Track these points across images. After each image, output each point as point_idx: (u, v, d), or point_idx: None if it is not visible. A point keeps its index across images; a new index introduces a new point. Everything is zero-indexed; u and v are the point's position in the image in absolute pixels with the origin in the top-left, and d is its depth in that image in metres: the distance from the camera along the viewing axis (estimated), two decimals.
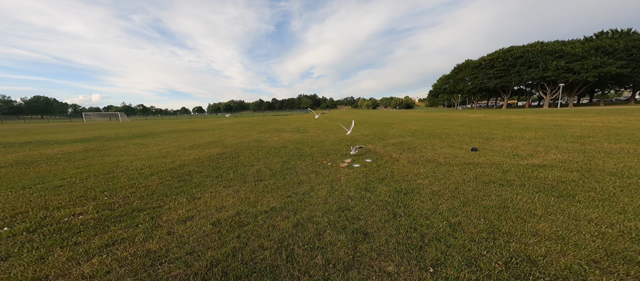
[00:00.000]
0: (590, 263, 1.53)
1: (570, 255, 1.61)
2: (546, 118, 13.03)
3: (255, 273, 1.55)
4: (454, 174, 3.44)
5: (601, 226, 1.94)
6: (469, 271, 1.49)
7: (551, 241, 1.76)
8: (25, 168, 4.56)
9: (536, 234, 1.87)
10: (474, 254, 1.66)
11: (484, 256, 1.63)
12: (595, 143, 5.30)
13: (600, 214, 2.12)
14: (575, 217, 2.10)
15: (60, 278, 1.44)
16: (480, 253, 1.66)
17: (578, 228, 1.92)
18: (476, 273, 1.48)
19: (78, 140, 9.37)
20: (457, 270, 1.51)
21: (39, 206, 2.60)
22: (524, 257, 1.61)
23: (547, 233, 1.87)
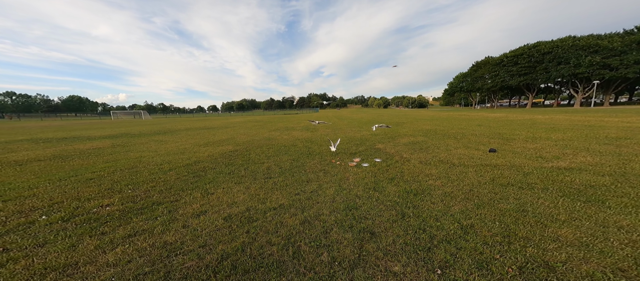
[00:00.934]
0: (616, 271, 1.42)
1: (594, 262, 1.50)
2: (577, 118, 12.03)
3: (263, 268, 1.60)
4: (469, 176, 3.30)
5: (633, 234, 1.78)
6: (479, 274, 1.44)
7: (573, 248, 1.65)
8: (61, 162, 5.03)
9: (557, 240, 1.75)
10: (486, 257, 1.60)
11: (496, 260, 1.56)
12: (633, 145, 4.82)
13: (633, 222, 1.94)
14: (603, 224, 1.94)
15: (87, 265, 1.58)
16: (492, 257, 1.60)
17: (605, 235, 1.77)
18: (487, 276, 1.42)
19: (107, 136, 10.12)
20: (467, 272, 1.46)
21: (73, 197, 2.86)
22: (541, 263, 1.52)
23: (569, 239, 1.74)
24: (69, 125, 21.90)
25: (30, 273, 1.51)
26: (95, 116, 76.94)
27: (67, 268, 1.54)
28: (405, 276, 1.46)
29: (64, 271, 1.52)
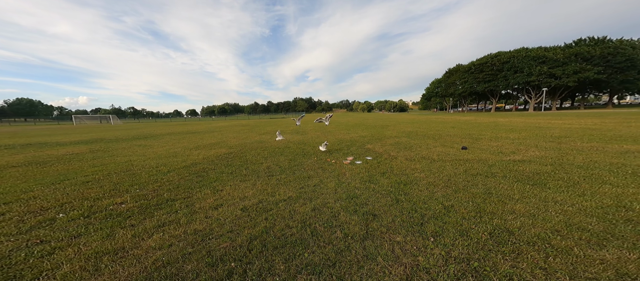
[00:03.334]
0: (553, 232, 1.95)
1: (539, 226, 2.03)
2: (530, 121, 13.90)
3: (289, 245, 1.89)
4: (447, 169, 3.88)
5: (564, 205, 2.38)
6: (462, 239, 1.88)
7: (525, 217, 2.19)
8: (40, 167, 4.71)
9: (513, 212, 2.29)
10: (465, 228, 2.06)
11: (473, 229, 2.02)
12: (570, 142, 5.91)
13: (565, 197, 2.57)
14: (544, 200, 2.54)
15: (134, 249, 1.74)
16: (470, 227, 2.06)
17: (546, 208, 2.36)
18: (467, 240, 1.87)
19: (78, 142, 9.37)
20: (453, 239, 1.89)
21: (79, 197, 2.84)
22: (504, 229, 2.01)
23: (522, 212, 2.29)
24: (23, 131, 19.47)
25: (85, 257, 1.64)
26: (51, 120, 68.44)
27: (118, 252, 1.69)
28: (407, 244, 1.86)
29: (116, 254, 1.66)
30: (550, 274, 1.39)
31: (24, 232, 2.07)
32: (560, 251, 1.62)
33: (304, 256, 1.71)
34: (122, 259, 1.64)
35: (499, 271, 1.44)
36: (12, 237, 1.99)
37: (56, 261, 1.64)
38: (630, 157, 4.07)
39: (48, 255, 1.71)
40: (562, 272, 1.40)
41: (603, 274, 1.36)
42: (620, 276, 1.34)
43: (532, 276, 1.37)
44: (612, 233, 1.81)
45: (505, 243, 1.78)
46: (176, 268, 1.55)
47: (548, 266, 1.47)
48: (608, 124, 9.74)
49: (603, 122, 10.68)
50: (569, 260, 1.52)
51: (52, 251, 1.74)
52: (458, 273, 1.43)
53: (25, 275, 1.53)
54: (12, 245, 1.87)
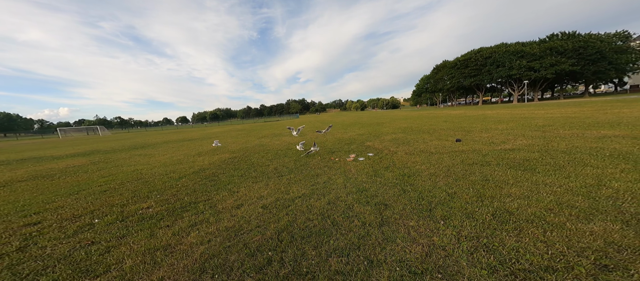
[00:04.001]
0: (547, 210, 2.22)
1: (534, 206, 2.30)
2: (515, 112, 14.62)
3: (314, 235, 2.09)
4: (445, 160, 4.18)
5: (553, 187, 2.69)
6: (469, 221, 2.12)
7: (521, 199, 2.46)
8: (49, 181, 4.70)
9: (510, 195, 2.57)
10: (470, 211, 2.30)
11: (477, 212, 2.28)
12: (553, 130, 6.39)
13: (553, 180, 2.89)
14: (535, 183, 2.85)
15: (178, 245, 1.90)
16: (474, 210, 2.31)
17: (538, 190, 2.65)
18: (473, 221, 2.10)
19: (74, 155, 9.19)
20: (460, 221, 2.13)
21: (105, 205, 2.94)
22: (504, 210, 2.27)
23: (517, 194, 2.58)
24: (9, 147, 18.69)
25: (140, 253, 1.80)
26: (33, 134, 65.35)
27: (166, 248, 1.84)
28: (420, 227, 2.09)
29: (165, 250, 1.82)
30: (550, 246, 1.64)
31: (71, 236, 2.19)
32: (555, 226, 1.88)
33: (330, 243, 1.91)
34: (172, 254, 1.80)
35: (506, 246, 1.68)
36: (63, 240, 2.12)
37: (117, 257, 1.79)
38: (607, 141, 4.50)
39: (106, 253, 1.86)
40: (560, 243, 1.66)
41: (594, 243, 1.61)
42: (608, 244, 1.59)
43: (536, 248, 1.61)
44: (597, 209, 2.10)
45: (507, 222, 2.02)
46: (222, 259, 1.72)
47: (547, 239, 1.72)
48: (586, 112, 10.45)
49: (581, 111, 11.43)
50: (564, 233, 1.77)
51: (108, 250, 1.88)
52: (471, 248, 1.67)
53: (95, 268, 1.68)
54: (68, 246, 2.02)
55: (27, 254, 1.97)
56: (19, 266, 1.81)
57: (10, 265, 1.84)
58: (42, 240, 2.16)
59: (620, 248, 1.52)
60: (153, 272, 1.61)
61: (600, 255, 1.47)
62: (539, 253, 1.54)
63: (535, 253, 1.54)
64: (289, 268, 1.61)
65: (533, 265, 1.43)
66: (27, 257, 1.92)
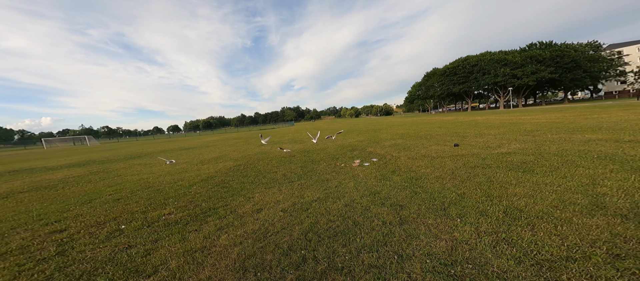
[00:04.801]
0: (552, 207, 2.38)
1: (540, 204, 2.48)
2: (504, 118, 15.35)
3: (338, 234, 2.19)
4: (447, 164, 4.40)
5: (553, 186, 2.90)
6: (483, 218, 2.25)
7: (526, 198, 2.64)
8: (52, 191, 4.58)
9: (516, 195, 2.76)
10: (482, 209, 2.45)
11: (489, 210, 2.42)
12: (542, 134, 6.82)
13: (551, 180, 3.12)
14: (536, 183, 3.07)
15: (213, 247, 1.96)
16: (486, 209, 2.46)
17: (540, 189, 2.86)
18: (488, 218, 2.25)
19: (69, 165, 8.91)
20: (476, 218, 2.28)
21: (125, 212, 2.95)
22: (514, 208, 2.42)
23: (522, 194, 2.77)
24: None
25: (180, 253, 1.88)
26: (15, 145, 62.12)
27: (203, 250, 1.90)
28: (439, 225, 2.22)
29: (203, 252, 1.88)
30: (564, 238, 1.79)
31: (104, 240, 2.21)
32: (563, 221, 2.05)
33: (357, 241, 2.03)
34: (210, 255, 1.86)
35: (525, 239, 1.82)
36: (99, 245, 2.16)
37: (160, 258, 1.84)
38: (593, 144, 4.88)
39: (148, 255, 1.91)
40: (572, 236, 1.80)
41: (602, 235, 1.77)
42: (614, 235, 1.76)
43: (552, 241, 1.76)
44: (596, 205, 2.29)
45: (519, 218, 2.18)
46: (259, 258, 1.81)
47: (560, 233, 1.87)
48: (569, 118, 11.15)
49: (564, 116, 12.18)
50: (573, 227, 1.93)
51: (148, 252, 1.92)
52: (492, 242, 1.82)
53: (144, 269, 1.74)
54: (107, 250, 2.07)
55: (69, 258, 1.99)
56: (68, 269, 1.84)
57: (58, 267, 1.87)
58: (77, 245, 2.18)
59: (626, 239, 1.71)
60: (199, 271, 1.68)
61: (611, 246, 1.65)
62: (556, 245, 1.72)
63: (552, 245, 1.71)
64: (325, 265, 1.71)
65: (554, 256, 1.60)
66: (71, 261, 1.94)
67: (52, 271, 1.83)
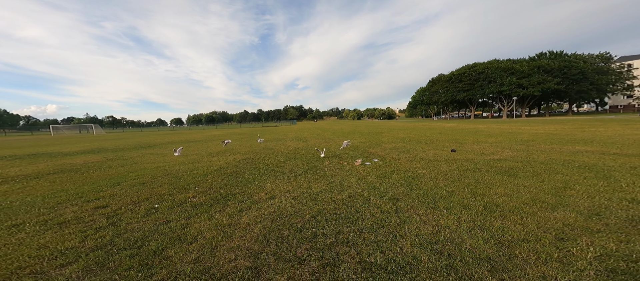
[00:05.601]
0: (524, 204, 2.79)
1: (515, 201, 2.88)
2: (504, 127, 15.67)
3: (344, 218, 2.58)
4: (442, 166, 4.77)
5: (530, 188, 3.29)
6: (466, 210, 2.64)
7: (505, 196, 3.04)
8: (78, 174, 5.01)
9: (497, 194, 3.15)
10: (466, 204, 2.84)
11: (471, 204, 2.82)
12: (535, 144, 7.16)
13: (530, 183, 3.50)
14: (517, 185, 3.45)
15: (237, 224, 2.36)
16: (469, 203, 2.86)
17: (518, 190, 3.25)
18: (469, 211, 2.64)
19: (84, 151, 9.37)
20: (459, 210, 2.66)
21: (154, 194, 3.35)
22: (492, 204, 2.83)
23: (502, 193, 3.16)
24: (4, 142, 18.30)
25: (211, 227, 2.27)
26: (22, 131, 63.09)
27: (230, 226, 2.30)
28: (428, 214, 2.60)
29: (230, 227, 2.28)
30: (525, 226, 2.18)
31: (145, 215, 2.62)
32: (529, 214, 2.45)
33: (359, 224, 2.41)
34: (236, 230, 2.26)
35: (495, 227, 2.21)
36: (141, 219, 2.57)
37: (196, 231, 2.24)
38: (579, 155, 5.23)
39: (185, 228, 2.31)
40: (532, 225, 2.19)
41: (555, 225, 2.16)
42: (565, 225, 2.15)
43: (515, 228, 2.15)
44: (560, 203, 2.70)
45: (495, 211, 2.58)
46: (278, 233, 2.20)
47: (523, 222, 2.26)
48: (566, 130, 11.47)
49: (563, 128, 12.48)
50: (535, 218, 2.33)
51: (185, 226, 2.32)
52: (469, 228, 2.20)
53: (185, 238, 2.15)
54: (150, 224, 2.48)
55: (121, 228, 2.39)
56: (123, 236, 2.24)
57: (115, 234, 2.27)
58: (124, 219, 2.58)
59: (573, 227, 2.09)
60: (230, 241, 2.07)
61: (559, 232, 2.04)
62: (518, 231, 2.10)
63: (514, 231, 2.10)
64: (333, 239, 2.10)
65: (514, 238, 1.98)
66: (123, 230, 2.34)
67: (111, 237, 2.22)
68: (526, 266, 1.60)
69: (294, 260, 1.81)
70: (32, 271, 1.78)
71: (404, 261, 1.75)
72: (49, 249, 2.07)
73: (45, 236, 2.31)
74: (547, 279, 1.47)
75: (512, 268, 1.59)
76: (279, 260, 1.81)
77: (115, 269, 1.77)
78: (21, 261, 1.90)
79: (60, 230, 2.42)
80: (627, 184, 3.13)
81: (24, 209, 3.03)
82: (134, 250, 2.01)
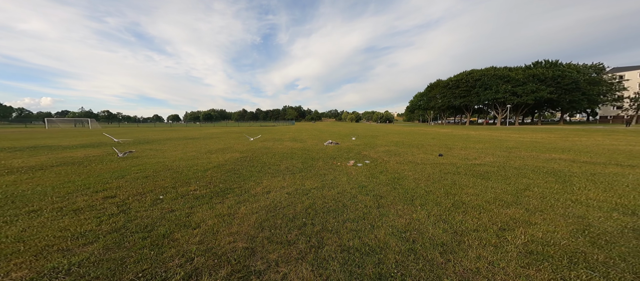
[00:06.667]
0: (485, 202, 3.16)
1: (479, 200, 3.24)
2: (495, 134, 16.23)
3: (332, 211, 2.91)
4: (427, 169, 5.15)
5: (496, 190, 3.67)
6: (437, 207, 3.01)
7: (473, 196, 3.41)
8: (81, 167, 5.25)
9: (467, 193, 3.52)
10: (438, 201, 3.22)
11: (443, 202, 3.19)
12: (517, 151, 7.62)
13: (498, 185, 3.89)
14: (486, 187, 3.83)
15: (236, 214, 2.67)
16: (441, 201, 3.23)
17: (486, 190, 3.63)
18: (439, 207, 3.00)
19: (83, 145, 9.54)
20: (431, 207, 3.03)
21: (158, 187, 3.64)
22: (460, 202, 3.20)
23: (471, 193, 3.53)
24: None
25: (213, 216, 2.57)
26: (12, 123, 61.94)
27: (229, 216, 2.62)
28: (404, 209, 2.95)
29: (229, 216, 2.60)
30: (480, 219, 2.56)
31: (151, 205, 2.91)
32: (487, 210, 2.82)
33: (344, 216, 2.76)
34: (236, 218, 2.58)
35: (456, 220, 2.58)
36: (149, 208, 2.86)
37: (199, 218, 2.55)
38: (552, 162, 5.68)
39: (188, 216, 2.62)
40: (486, 219, 2.58)
41: (504, 218, 2.54)
42: (511, 219, 2.53)
43: (472, 221, 2.53)
44: (516, 202, 3.07)
45: (460, 208, 2.95)
46: (272, 222, 2.53)
47: (480, 217, 2.64)
48: (551, 138, 12.02)
49: (549, 137, 13.05)
50: (491, 214, 2.71)
51: (188, 215, 2.63)
52: (435, 221, 2.56)
53: (190, 224, 2.45)
54: (157, 212, 2.77)
55: (131, 215, 2.68)
56: (134, 221, 2.53)
57: (127, 220, 2.56)
58: (133, 207, 2.88)
59: (516, 221, 2.48)
60: (230, 227, 2.39)
61: (504, 224, 2.42)
62: (473, 223, 2.47)
63: (470, 223, 2.47)
64: (319, 227, 2.43)
65: (467, 228, 2.35)
66: (133, 216, 2.64)
67: (124, 222, 2.52)
68: (469, 249, 1.96)
69: (284, 243, 2.14)
70: (59, 248, 2.08)
71: (377, 245, 2.10)
72: (69, 231, 2.36)
73: (63, 220, 2.59)
74: (481, 259, 1.84)
75: (458, 251, 1.95)
76: (271, 243, 2.14)
77: (131, 248, 2.08)
78: (48, 240, 2.19)
79: (76, 216, 2.70)
80: (578, 188, 3.55)
81: (38, 198, 3.29)
82: (145, 233, 2.31)
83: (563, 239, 2.11)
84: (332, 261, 1.88)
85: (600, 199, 3.10)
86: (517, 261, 1.81)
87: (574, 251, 1.91)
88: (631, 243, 2.01)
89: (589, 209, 2.78)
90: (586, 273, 1.65)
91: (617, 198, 3.16)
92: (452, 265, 1.79)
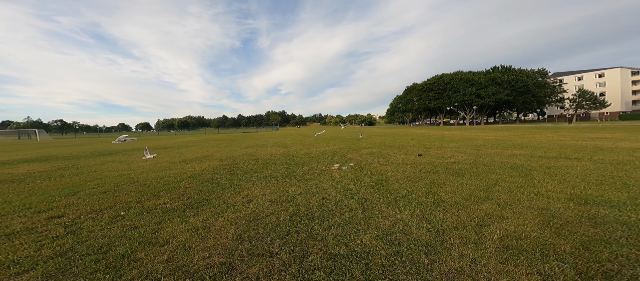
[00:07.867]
0: (462, 199, 3.31)
1: (457, 197, 3.40)
2: (465, 134, 17.55)
3: (317, 217, 2.81)
4: (408, 169, 5.32)
5: (470, 186, 3.89)
6: (419, 207, 3.08)
7: (451, 194, 3.57)
8: (22, 185, 4.48)
9: (445, 191, 3.67)
10: (420, 201, 3.30)
11: (424, 201, 3.27)
12: (485, 149, 8.28)
13: (471, 182, 4.14)
14: (461, 184, 4.04)
15: (212, 226, 2.43)
16: (423, 200, 3.31)
17: (461, 188, 3.82)
18: (421, 206, 3.08)
19: (27, 160, 8.23)
20: (414, 206, 3.09)
21: (119, 202, 3.20)
22: (440, 200, 3.32)
23: (449, 191, 3.70)
24: None
25: (185, 230, 2.29)
26: None
27: (204, 229, 2.36)
28: (389, 211, 2.96)
29: (204, 230, 2.35)
30: (459, 216, 2.66)
31: (109, 223, 2.52)
32: (464, 207, 2.95)
33: (329, 221, 2.67)
34: (212, 231, 2.34)
35: (437, 218, 2.65)
36: (105, 226, 2.48)
37: (168, 234, 2.25)
38: (514, 158, 6.25)
39: (156, 232, 2.30)
40: (464, 215, 2.69)
41: (479, 214, 2.67)
42: (486, 214, 2.67)
43: (452, 218, 2.61)
44: (488, 197, 3.27)
45: (440, 206, 3.05)
46: (253, 233, 2.34)
47: (458, 214, 2.74)
48: (512, 136, 13.33)
49: (509, 135, 14.47)
50: (467, 210, 2.84)
51: (156, 231, 2.31)
52: (418, 221, 2.61)
53: (156, 241, 2.15)
54: (116, 230, 2.41)
55: (82, 235, 2.29)
56: (86, 243, 2.17)
57: (76, 242, 2.18)
58: (85, 227, 2.47)
59: (491, 216, 2.64)
60: (204, 242, 2.16)
61: (480, 220, 2.55)
62: (452, 220, 2.56)
63: (450, 221, 2.55)
64: (304, 235, 2.32)
65: (448, 226, 2.42)
66: (85, 237, 2.26)
67: (72, 244, 2.15)
68: (452, 248, 2.01)
69: (266, 254, 1.98)
70: None
71: (363, 250, 2.05)
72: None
73: None
74: (464, 257, 1.89)
75: (442, 250, 1.99)
76: (252, 255, 1.97)
77: (80, 273, 1.76)
78: None
79: (9, 241, 2.26)
80: (538, 181, 3.92)
81: None
82: (100, 255, 1.99)
83: (533, 232, 2.26)
84: (318, 270, 1.78)
85: (557, 191, 3.44)
86: (496, 257, 1.88)
87: (544, 243, 2.05)
88: (590, 232, 2.22)
89: (550, 201, 3.05)
90: (558, 265, 1.76)
91: (570, 189, 3.54)
92: (437, 265, 1.80)
